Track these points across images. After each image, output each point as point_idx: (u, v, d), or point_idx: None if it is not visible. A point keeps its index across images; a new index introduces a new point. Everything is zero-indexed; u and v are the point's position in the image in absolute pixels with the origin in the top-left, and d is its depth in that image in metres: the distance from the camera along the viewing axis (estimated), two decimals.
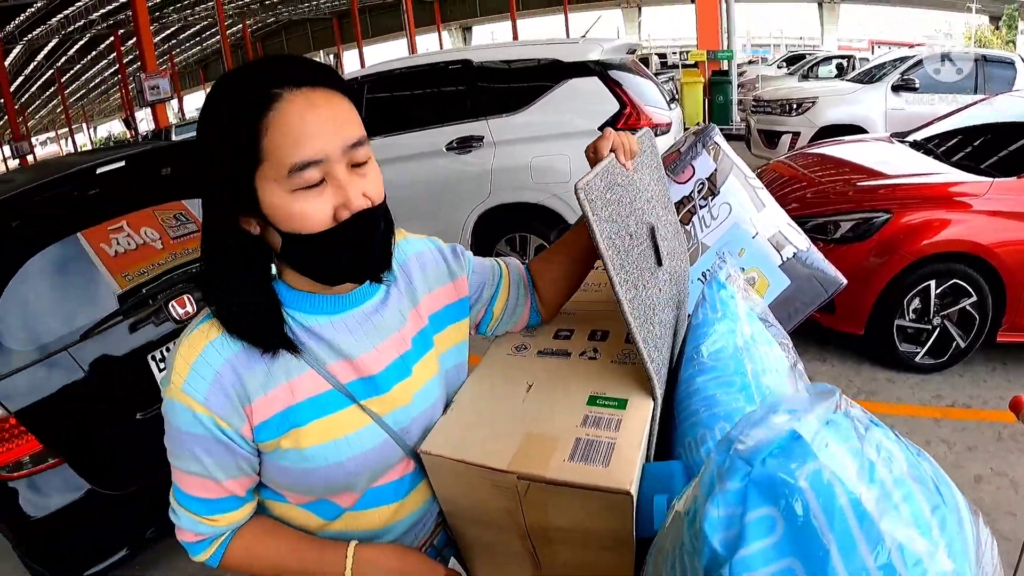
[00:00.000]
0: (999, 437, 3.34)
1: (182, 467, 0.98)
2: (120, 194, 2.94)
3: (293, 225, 0.89)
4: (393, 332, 1.07)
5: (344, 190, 0.89)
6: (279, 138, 0.86)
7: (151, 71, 19.23)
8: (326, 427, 0.99)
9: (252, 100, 0.86)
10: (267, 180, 0.88)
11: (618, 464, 0.93)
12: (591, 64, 4.90)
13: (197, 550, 1.05)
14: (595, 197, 1.02)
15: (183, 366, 0.94)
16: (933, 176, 4.11)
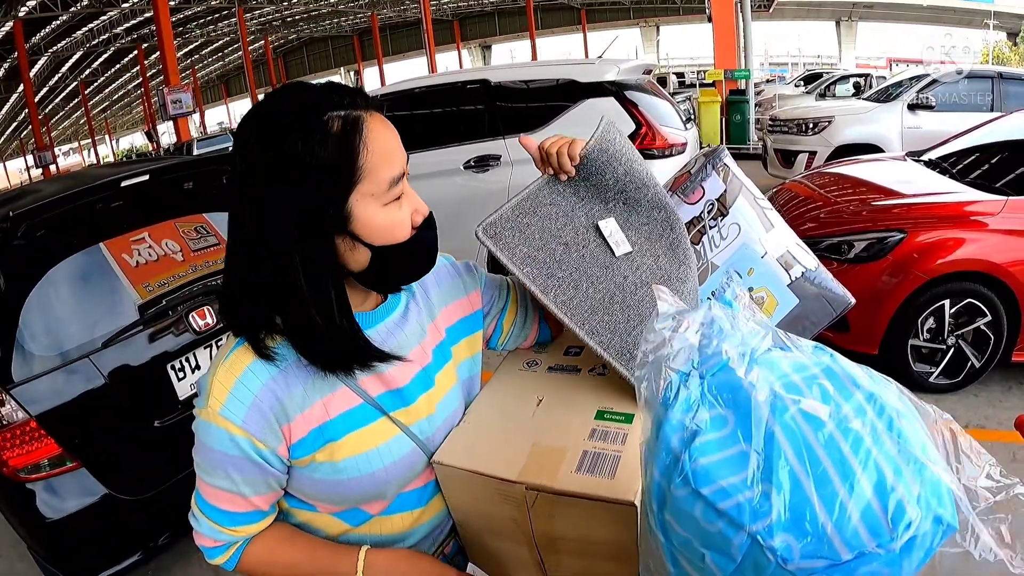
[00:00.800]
0: (1013, 458, 3.30)
1: (210, 481, 1.01)
2: (143, 206, 3.00)
3: (387, 238, 0.95)
4: (415, 345, 1.10)
5: (413, 197, 0.99)
6: (376, 156, 0.92)
7: (174, 85, 19.46)
8: (359, 439, 1.02)
9: (340, 124, 0.90)
10: (365, 197, 0.92)
11: (624, 476, 0.95)
12: (607, 84, 4.94)
13: (214, 554, 1.07)
14: (499, 231, 1.16)
15: (221, 391, 0.96)
16: (947, 195, 4.10)
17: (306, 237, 0.91)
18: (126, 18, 33.38)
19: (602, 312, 1.12)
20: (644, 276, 1.19)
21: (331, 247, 0.94)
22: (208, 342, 2.87)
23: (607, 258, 1.19)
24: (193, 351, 2.82)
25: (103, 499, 2.56)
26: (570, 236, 1.19)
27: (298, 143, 0.89)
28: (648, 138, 4.79)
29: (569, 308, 1.11)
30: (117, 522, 2.65)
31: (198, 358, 2.84)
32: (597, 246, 1.20)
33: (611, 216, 1.24)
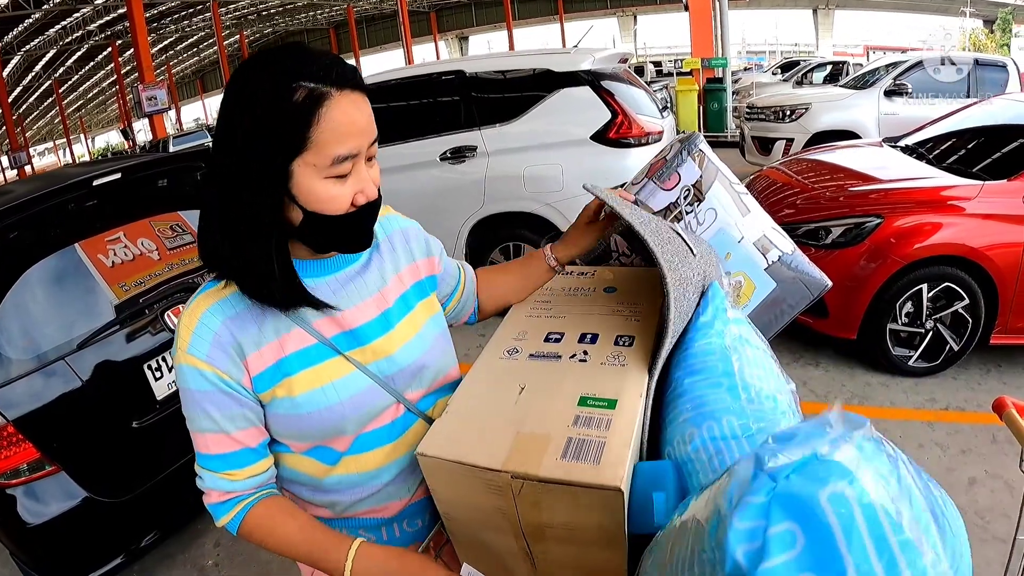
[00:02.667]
0: (993, 440, 3.36)
1: (197, 426, 1.09)
2: (118, 205, 2.97)
3: (320, 207, 1.02)
4: (375, 292, 1.20)
5: (363, 180, 1.05)
6: (328, 132, 0.98)
7: (148, 82, 19.30)
8: (314, 375, 1.11)
9: (304, 94, 0.97)
10: (307, 166, 0.99)
11: (608, 462, 0.95)
12: (583, 74, 4.92)
13: (220, 512, 1.14)
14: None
15: (186, 333, 1.07)
16: (924, 180, 4.13)
17: (251, 185, 1.01)
18: (99, 15, 33.03)
19: (683, 287, 1.14)
20: (699, 280, 1.21)
21: (270, 199, 1.02)
22: None
23: (686, 252, 1.22)
24: (170, 350, 2.78)
25: (84, 502, 2.54)
26: (663, 226, 1.26)
27: (262, 103, 0.97)
28: (624, 127, 4.80)
29: (671, 268, 1.12)
30: (99, 525, 2.63)
31: None
32: (680, 242, 1.24)
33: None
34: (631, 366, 1.14)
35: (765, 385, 1.07)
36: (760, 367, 1.09)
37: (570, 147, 4.89)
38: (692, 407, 1.05)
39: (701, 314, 1.14)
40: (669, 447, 1.06)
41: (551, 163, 4.91)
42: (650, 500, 0.96)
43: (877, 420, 3.60)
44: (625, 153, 4.80)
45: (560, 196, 4.88)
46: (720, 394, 1.04)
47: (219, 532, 3.21)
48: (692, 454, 1.02)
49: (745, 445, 1.00)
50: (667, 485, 0.97)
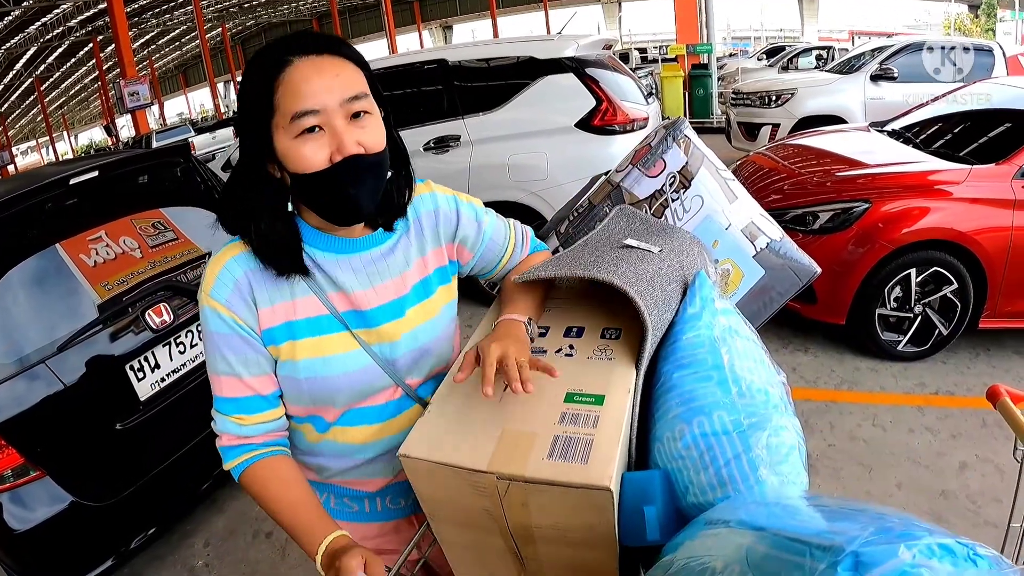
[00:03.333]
0: (983, 424, 3.36)
1: (214, 368, 1.16)
2: (98, 204, 2.94)
3: (296, 165, 1.06)
4: (395, 276, 1.23)
5: (339, 136, 1.05)
6: (286, 94, 1.04)
7: (130, 77, 19.12)
8: (317, 344, 1.17)
9: (270, 65, 1.05)
10: (278, 129, 1.06)
11: (597, 460, 0.93)
12: (566, 61, 4.89)
13: (228, 456, 1.19)
14: None
15: (210, 276, 1.14)
16: (912, 165, 4.13)
17: (246, 151, 1.12)
18: (80, 11, 32.67)
19: (646, 284, 1.12)
20: (672, 273, 1.19)
21: (265, 165, 1.11)
22: (167, 340, 2.81)
23: (640, 256, 1.21)
24: (151, 350, 2.76)
25: (70, 507, 2.51)
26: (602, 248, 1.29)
27: (244, 81, 1.09)
28: (609, 114, 4.77)
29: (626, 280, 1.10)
30: (86, 529, 2.60)
31: (157, 357, 2.78)
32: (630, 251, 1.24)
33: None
34: (618, 360, 1.11)
35: (756, 378, 1.04)
36: (750, 359, 1.07)
37: (554, 135, 4.86)
38: (682, 402, 1.03)
39: (688, 305, 1.12)
40: (658, 444, 1.04)
41: (535, 151, 4.89)
42: (641, 514, 0.94)
43: (867, 405, 3.61)
44: (610, 140, 4.77)
45: (545, 184, 4.85)
46: (710, 388, 1.02)
47: (209, 532, 3.18)
48: (683, 451, 1.00)
49: (736, 441, 0.98)
50: (657, 497, 0.96)
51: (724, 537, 0.81)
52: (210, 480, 3.03)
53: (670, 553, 0.88)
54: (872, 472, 3.10)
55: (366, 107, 1.09)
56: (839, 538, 0.63)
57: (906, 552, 0.59)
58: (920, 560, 0.59)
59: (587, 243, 1.33)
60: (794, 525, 0.75)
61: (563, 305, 1.31)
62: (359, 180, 1.09)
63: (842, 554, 0.61)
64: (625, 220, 1.39)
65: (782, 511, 0.83)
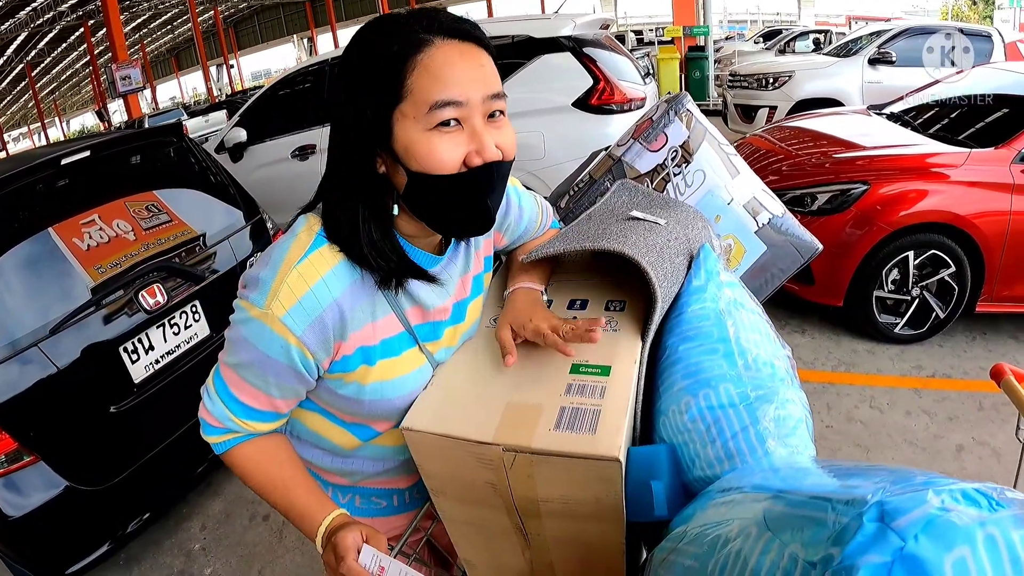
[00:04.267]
0: (980, 407, 3.36)
1: (242, 374, 1.03)
2: (90, 186, 2.91)
3: (424, 164, 0.91)
4: (459, 278, 1.15)
5: (479, 137, 0.92)
6: (424, 78, 0.89)
7: (122, 61, 18.99)
8: (388, 367, 1.06)
9: (403, 41, 0.90)
10: (406, 117, 0.91)
11: (605, 431, 0.92)
12: (564, 40, 4.86)
13: (211, 433, 1.10)
14: None
15: (289, 297, 0.95)
16: (910, 147, 4.11)
17: (351, 140, 0.96)
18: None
19: (655, 255, 1.09)
20: (679, 245, 1.17)
21: (373, 159, 0.96)
22: (160, 321, 2.80)
23: (649, 227, 1.18)
24: (145, 331, 2.74)
25: (65, 492, 2.49)
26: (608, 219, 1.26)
27: (363, 54, 0.93)
28: (606, 93, 4.75)
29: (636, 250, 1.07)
30: (82, 514, 2.58)
31: (151, 338, 2.76)
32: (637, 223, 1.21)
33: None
34: (623, 332, 1.10)
35: (762, 351, 1.03)
36: (756, 331, 1.06)
37: (552, 114, 4.84)
38: (687, 375, 1.02)
39: (694, 278, 1.11)
40: (664, 417, 1.03)
41: (532, 131, 4.85)
42: (648, 489, 0.93)
43: (864, 387, 3.61)
44: (607, 119, 4.75)
45: (542, 164, 4.83)
46: (716, 360, 1.01)
47: (205, 516, 3.17)
48: (689, 424, 0.99)
49: (744, 413, 0.96)
50: (663, 472, 0.94)
51: (738, 503, 0.80)
52: (206, 463, 3.02)
53: (681, 525, 0.87)
54: (869, 453, 3.11)
55: (503, 107, 0.97)
56: (863, 491, 0.62)
57: (935, 497, 0.58)
58: (949, 505, 0.57)
59: (591, 216, 1.30)
60: (811, 485, 0.74)
61: (566, 278, 1.30)
62: (496, 189, 0.98)
63: (866, 505, 0.59)
64: (627, 194, 1.37)
65: (797, 473, 0.82)
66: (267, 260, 0.99)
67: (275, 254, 0.99)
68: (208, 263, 3.08)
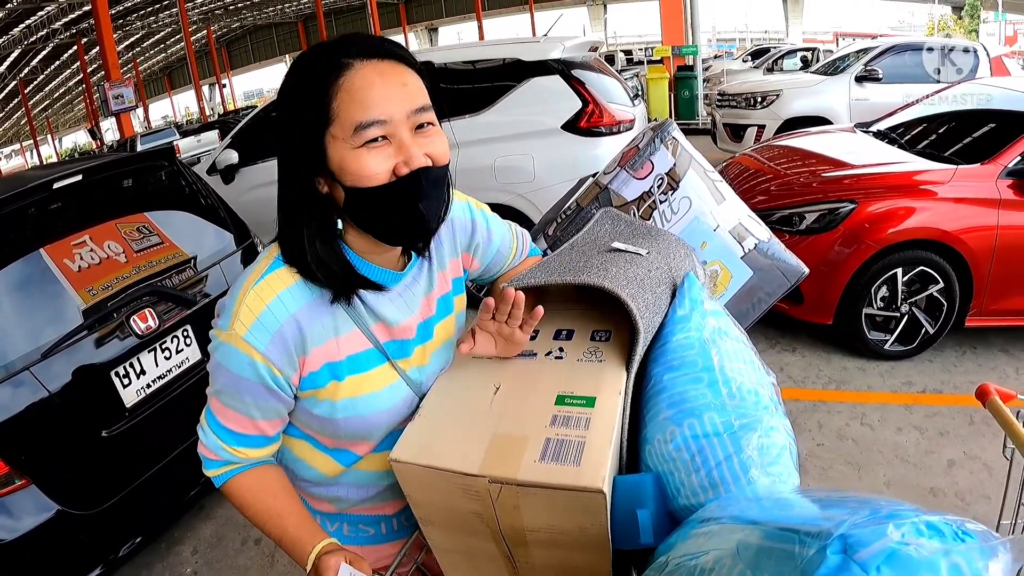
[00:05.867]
0: (971, 421, 3.38)
1: (222, 400, 1.08)
2: (82, 208, 2.91)
3: (357, 179, 0.97)
4: (423, 297, 1.18)
5: (407, 148, 0.97)
6: (347, 101, 0.95)
7: (115, 80, 19.03)
8: (358, 383, 1.09)
9: (326, 67, 0.96)
10: (336, 139, 0.96)
11: (589, 463, 0.92)
12: (553, 63, 4.89)
13: (210, 466, 1.14)
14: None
15: (248, 316, 1.01)
16: (897, 165, 4.15)
17: (291, 164, 1.03)
18: (64, 12, 32.49)
19: (636, 287, 1.11)
20: (661, 275, 1.18)
21: (313, 180, 1.01)
22: (152, 346, 2.79)
23: (629, 259, 1.20)
24: (137, 355, 2.74)
25: (57, 516, 2.47)
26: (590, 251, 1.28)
27: (292, 84, 1.00)
28: (595, 115, 4.78)
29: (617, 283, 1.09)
30: (74, 538, 2.55)
31: (143, 363, 2.76)
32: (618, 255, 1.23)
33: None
34: (608, 362, 1.11)
35: (746, 379, 1.04)
36: (740, 360, 1.07)
37: (541, 137, 4.86)
38: (672, 404, 1.03)
39: (678, 307, 1.12)
40: (649, 446, 1.04)
41: (522, 153, 4.88)
42: (634, 517, 0.94)
43: (855, 404, 3.62)
44: (596, 142, 4.77)
45: (532, 187, 4.85)
46: (701, 390, 1.02)
47: (197, 540, 3.16)
48: (674, 453, 1.00)
49: (728, 442, 0.97)
50: (649, 501, 0.95)
51: (716, 534, 0.82)
52: (197, 486, 3.00)
53: (663, 554, 0.88)
54: (861, 471, 3.12)
55: (431, 118, 1.02)
56: (828, 523, 0.64)
57: (895, 531, 0.60)
58: (910, 539, 0.59)
59: (573, 246, 1.32)
60: (785, 516, 0.76)
61: (552, 308, 1.31)
62: (428, 194, 1.01)
63: (831, 538, 0.61)
64: (610, 223, 1.38)
65: (773, 504, 0.83)
66: (232, 288, 1.06)
67: (238, 281, 1.06)
68: (199, 287, 3.08)
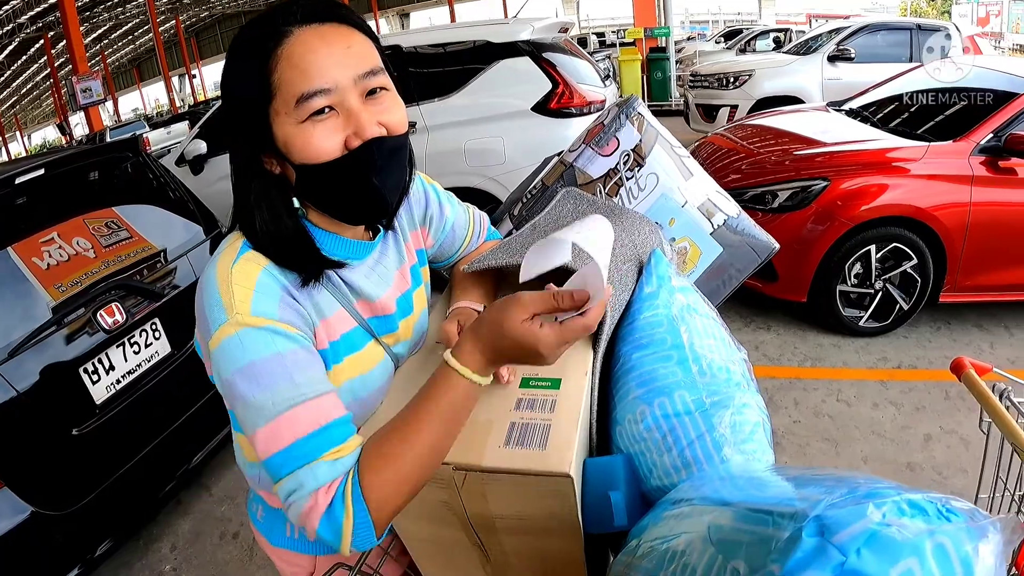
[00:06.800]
0: (946, 396, 3.41)
1: (277, 408, 0.85)
2: (49, 204, 2.87)
3: (304, 155, 0.89)
4: (395, 270, 1.12)
5: (356, 117, 0.88)
6: (288, 71, 0.86)
7: (82, 73, 18.74)
8: (354, 363, 1.02)
9: (264, 37, 0.87)
10: (278, 115, 0.88)
11: (555, 446, 0.90)
12: (522, 44, 4.87)
13: (335, 521, 0.82)
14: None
15: (244, 293, 0.88)
16: (870, 143, 4.17)
17: (238, 145, 0.94)
18: (29, 6, 31.81)
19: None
20: (626, 252, 1.16)
21: (259, 160, 0.94)
22: (120, 340, 2.75)
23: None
24: (105, 351, 2.69)
25: (30, 517, 2.41)
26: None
27: (236, 56, 0.91)
28: (565, 96, 4.77)
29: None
30: (49, 539, 2.51)
31: (111, 358, 2.71)
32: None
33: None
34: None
35: (716, 356, 1.03)
36: (710, 336, 1.06)
37: (511, 119, 4.85)
38: (642, 383, 1.01)
39: (645, 284, 1.10)
40: (619, 426, 1.02)
41: (492, 136, 4.87)
42: (606, 500, 0.93)
43: (831, 381, 3.64)
44: (567, 123, 4.76)
45: (502, 169, 4.84)
46: (670, 368, 1.01)
47: (175, 536, 3.11)
48: (644, 433, 0.99)
49: (699, 421, 0.96)
50: (621, 483, 0.94)
51: (687, 516, 0.80)
52: (173, 481, 2.97)
53: (635, 537, 0.87)
54: (838, 447, 3.14)
55: (383, 83, 0.92)
56: (803, 504, 0.61)
57: (875, 511, 0.57)
58: (891, 519, 0.56)
59: (535, 227, 1.30)
60: (759, 496, 0.73)
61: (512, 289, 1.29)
62: (383, 167, 0.92)
63: (806, 520, 0.58)
64: (572, 203, 1.37)
65: (747, 483, 0.81)
66: (203, 291, 0.91)
67: (208, 278, 0.91)
68: (168, 279, 3.04)
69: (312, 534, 0.83)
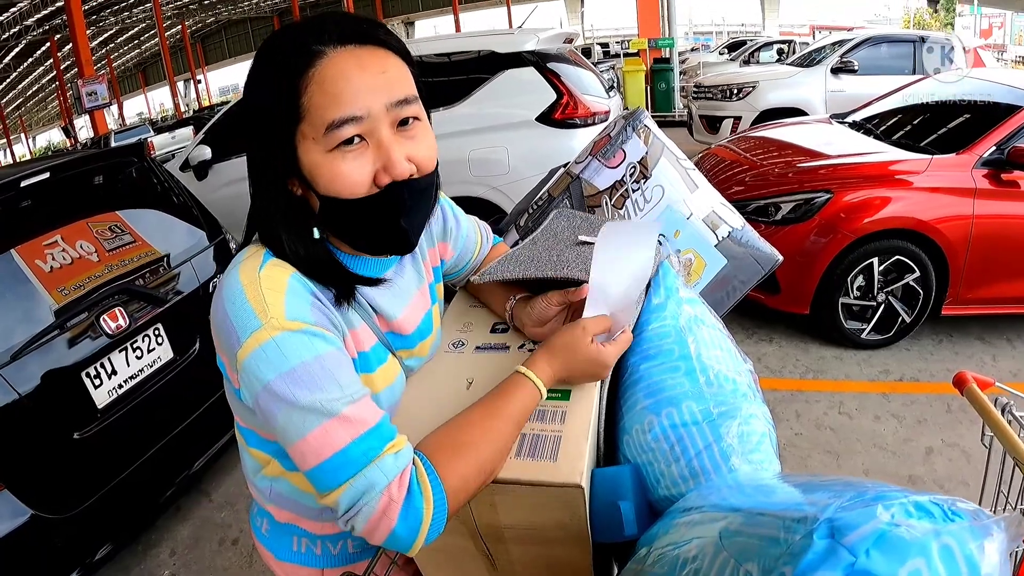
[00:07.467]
0: (948, 409, 3.41)
1: (328, 410, 0.82)
2: (53, 206, 2.87)
3: (331, 189, 0.86)
4: (416, 289, 1.10)
5: (386, 150, 0.85)
6: (318, 96, 0.82)
7: (88, 76, 18.82)
8: (383, 375, 1.00)
9: (295, 57, 0.83)
10: (306, 139, 0.84)
11: (566, 457, 0.91)
12: (527, 54, 4.88)
13: (411, 512, 0.82)
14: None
15: (276, 298, 0.84)
16: (873, 155, 4.17)
17: (264, 170, 0.90)
18: (36, 9, 31.93)
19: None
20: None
21: (283, 182, 0.90)
22: (123, 345, 2.75)
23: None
24: (108, 355, 2.69)
25: (31, 520, 2.41)
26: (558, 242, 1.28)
27: (264, 71, 0.87)
28: (570, 107, 4.77)
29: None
30: (49, 542, 2.50)
31: (114, 363, 2.71)
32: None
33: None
34: None
35: (723, 366, 1.03)
36: (717, 347, 1.06)
37: (515, 129, 4.85)
38: (649, 393, 1.02)
39: (653, 295, 1.10)
40: (627, 436, 1.03)
41: (496, 146, 4.86)
42: (615, 510, 0.93)
43: (833, 393, 3.64)
44: (571, 134, 4.76)
45: (506, 179, 4.84)
46: (678, 378, 1.01)
47: (174, 541, 3.11)
48: (652, 443, 0.99)
49: (707, 431, 0.97)
50: (629, 492, 0.94)
51: (698, 523, 0.80)
52: (173, 487, 2.96)
53: (645, 546, 0.87)
54: (839, 459, 3.13)
55: (416, 112, 0.89)
56: (813, 508, 0.63)
57: (883, 513, 0.58)
58: (899, 520, 0.58)
59: (535, 241, 1.31)
60: (768, 502, 0.74)
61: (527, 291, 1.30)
62: (412, 208, 0.90)
63: (817, 523, 0.60)
64: (565, 220, 1.37)
65: (756, 491, 0.82)
66: (226, 300, 0.86)
67: (230, 288, 0.87)
68: (172, 284, 3.04)
69: (385, 535, 0.82)
